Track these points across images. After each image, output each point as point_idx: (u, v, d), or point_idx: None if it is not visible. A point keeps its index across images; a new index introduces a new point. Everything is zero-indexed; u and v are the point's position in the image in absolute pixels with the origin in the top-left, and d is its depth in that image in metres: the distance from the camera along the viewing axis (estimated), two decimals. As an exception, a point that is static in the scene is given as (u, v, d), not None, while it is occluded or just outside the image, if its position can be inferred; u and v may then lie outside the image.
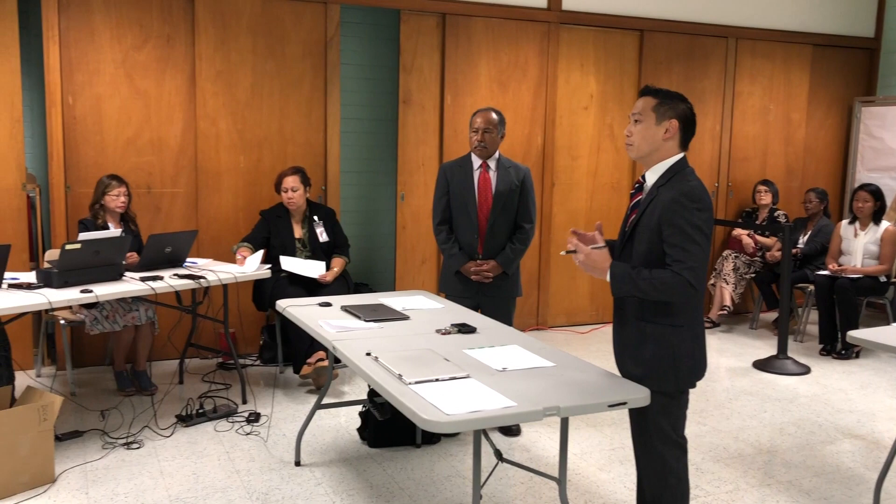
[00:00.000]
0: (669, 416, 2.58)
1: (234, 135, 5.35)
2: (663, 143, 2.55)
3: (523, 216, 4.21)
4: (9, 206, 4.84)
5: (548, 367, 2.71)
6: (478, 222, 4.16)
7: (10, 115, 4.79)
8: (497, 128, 4.13)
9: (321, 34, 5.49)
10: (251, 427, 4.11)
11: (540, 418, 2.30)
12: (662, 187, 2.52)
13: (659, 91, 2.57)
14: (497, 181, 4.15)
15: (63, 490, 3.33)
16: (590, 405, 2.39)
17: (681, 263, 2.40)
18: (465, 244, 4.18)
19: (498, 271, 4.14)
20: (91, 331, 4.46)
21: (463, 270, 4.15)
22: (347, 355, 2.83)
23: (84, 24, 4.92)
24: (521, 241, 4.19)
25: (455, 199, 4.19)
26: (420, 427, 2.23)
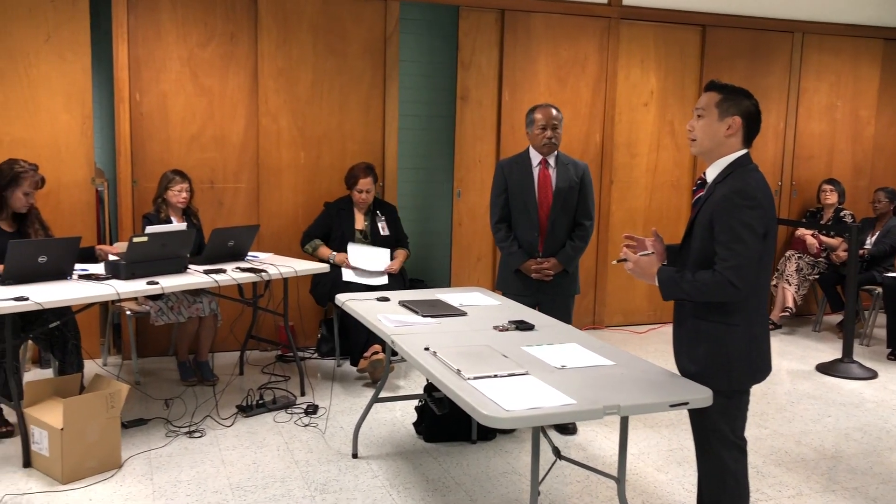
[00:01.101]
0: (728, 417, 2.54)
1: (294, 131, 5.43)
2: (725, 139, 2.51)
3: (583, 213, 4.17)
4: (79, 200, 5.00)
5: (607, 365, 2.69)
6: (538, 220, 4.13)
7: (80, 111, 4.94)
8: (560, 123, 4.11)
9: (380, 31, 5.53)
10: (309, 419, 4.17)
11: (600, 417, 2.28)
12: (719, 184, 2.49)
13: (724, 86, 2.53)
14: (557, 178, 4.12)
15: (129, 475, 3.44)
16: (650, 404, 2.37)
17: (724, 262, 2.38)
18: (525, 242, 4.15)
19: (558, 269, 4.11)
20: (156, 322, 4.58)
21: (523, 269, 4.13)
22: (406, 349, 2.85)
23: (151, 23, 5.05)
24: (582, 238, 4.16)
25: (514, 196, 4.17)
26: (479, 422, 2.24)
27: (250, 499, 3.24)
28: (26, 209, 4.02)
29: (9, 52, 4.76)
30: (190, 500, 3.22)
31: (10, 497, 3.19)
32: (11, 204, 3.96)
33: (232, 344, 5.25)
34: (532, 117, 4.12)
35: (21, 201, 3.97)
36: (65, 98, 4.89)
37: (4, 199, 3.95)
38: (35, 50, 4.81)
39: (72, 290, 3.63)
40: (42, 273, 3.76)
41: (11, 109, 4.80)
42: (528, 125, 4.14)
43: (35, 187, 3.99)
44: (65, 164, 4.92)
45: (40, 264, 3.73)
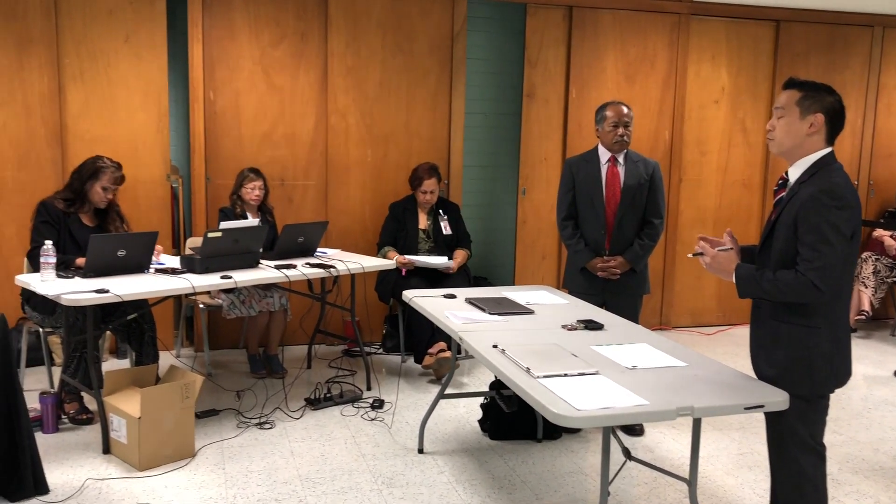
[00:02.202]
0: (807, 422, 2.47)
1: (362, 129, 5.50)
2: (807, 137, 2.44)
3: (652, 211, 4.11)
4: (154, 196, 5.15)
5: (679, 366, 2.66)
6: (605, 217, 4.08)
7: (157, 110, 5.09)
8: (632, 121, 4.06)
9: (448, 29, 5.55)
10: (375, 413, 4.22)
11: (673, 418, 2.25)
12: (804, 184, 2.42)
13: (804, 83, 2.46)
14: (625, 175, 4.07)
15: (202, 464, 3.53)
16: (725, 406, 2.32)
17: (808, 263, 2.31)
18: (592, 240, 4.12)
19: (625, 268, 4.07)
20: (228, 315, 4.70)
21: (589, 267, 4.09)
22: (474, 346, 2.86)
23: (225, 23, 5.18)
24: (650, 236, 4.10)
25: (581, 194, 4.13)
26: (550, 421, 2.23)
27: (319, 490, 3.30)
28: (105, 204, 4.15)
29: (90, 52, 4.93)
30: (261, 490, 3.29)
31: (91, 481, 3.31)
32: (91, 198, 4.09)
33: (300, 338, 5.35)
34: (603, 114, 4.07)
35: (99, 195, 4.09)
36: (142, 97, 5.05)
37: (85, 193, 4.09)
38: (115, 50, 4.97)
39: (149, 284, 3.75)
40: (121, 266, 3.89)
41: (92, 108, 4.97)
42: (598, 122, 4.09)
43: (114, 183, 4.10)
44: (141, 161, 5.08)
45: (119, 258, 3.86)
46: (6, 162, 4.85)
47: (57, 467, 3.42)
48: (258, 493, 3.25)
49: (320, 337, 5.17)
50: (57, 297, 3.46)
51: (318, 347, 5.34)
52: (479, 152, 5.97)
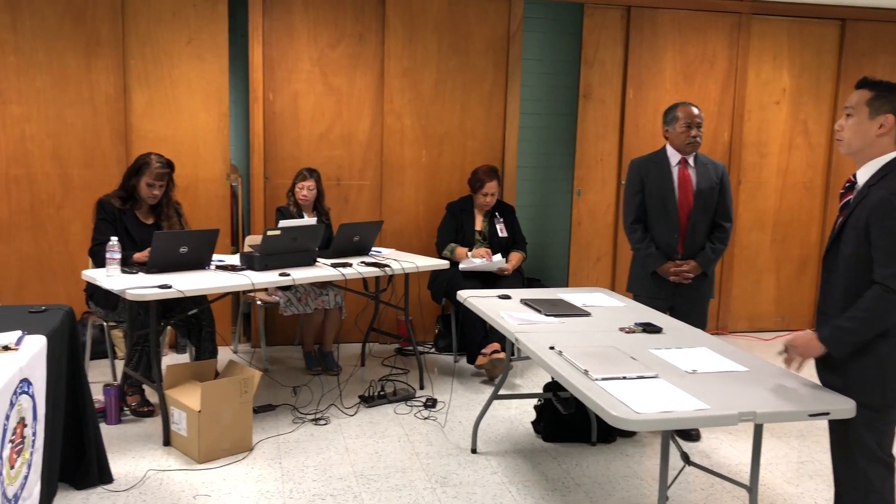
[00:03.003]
0: (875, 431, 2.40)
1: (417, 130, 5.53)
2: (877, 139, 2.38)
3: (723, 215, 4.03)
4: (215, 195, 5.26)
5: (741, 371, 2.61)
6: (678, 221, 3.99)
7: (218, 110, 5.20)
8: (703, 122, 4.00)
9: (504, 30, 5.55)
10: (428, 412, 4.24)
11: (735, 423, 2.22)
12: (874, 186, 2.36)
13: (877, 83, 2.40)
14: (697, 178, 3.99)
15: (259, 458, 3.59)
16: (788, 413, 2.28)
17: (884, 269, 2.25)
18: (664, 244, 4.03)
19: (698, 272, 3.98)
20: (284, 312, 4.76)
21: (660, 271, 4.02)
22: (531, 348, 2.85)
23: (285, 25, 5.26)
24: (721, 240, 4.01)
25: (652, 196, 4.05)
26: (610, 424, 2.21)
27: (373, 487, 3.33)
28: (154, 200, 4.22)
29: (154, 54, 5.06)
30: (316, 485, 3.33)
31: (153, 472, 3.39)
32: (140, 194, 4.18)
33: (354, 336, 5.41)
34: (674, 115, 4.00)
35: (146, 191, 4.17)
36: (203, 97, 5.16)
37: (134, 190, 4.18)
38: (178, 52, 5.09)
39: (210, 280, 3.83)
40: (183, 263, 3.98)
41: (156, 108, 5.10)
42: (667, 123, 4.02)
43: (157, 179, 4.14)
44: (202, 160, 5.19)
45: (181, 254, 3.95)
46: (74, 160, 5.00)
47: (120, 458, 3.52)
48: (314, 488, 3.30)
49: (374, 335, 5.21)
50: (122, 292, 3.55)
51: (372, 346, 5.39)
52: (533, 153, 5.95)
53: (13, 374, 2.29)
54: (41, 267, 5.03)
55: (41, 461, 2.63)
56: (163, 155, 4.21)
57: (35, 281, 5.03)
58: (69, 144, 4.98)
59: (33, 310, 3.02)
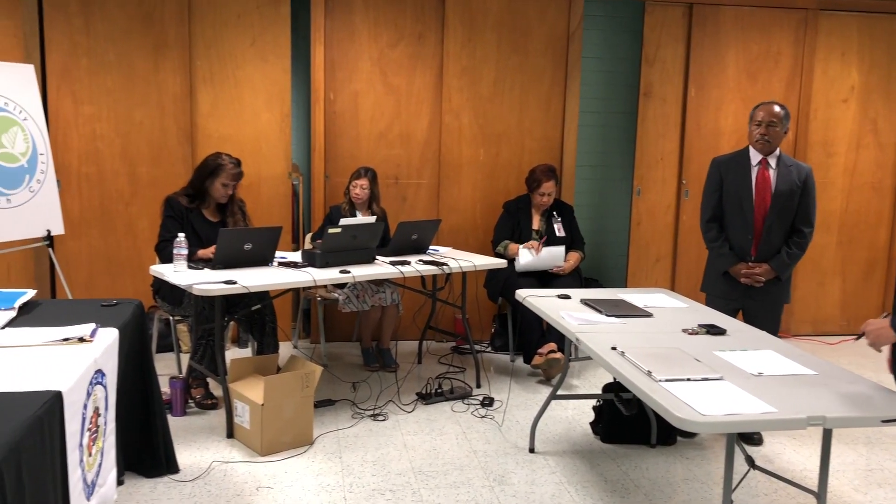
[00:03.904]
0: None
1: (475, 128, 5.54)
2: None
3: (803, 219, 3.93)
4: (277, 193, 5.35)
5: (809, 374, 2.56)
6: (753, 223, 3.92)
7: (280, 110, 5.29)
8: (781, 122, 3.90)
9: (563, 28, 5.53)
10: (486, 411, 4.25)
11: (803, 427, 2.17)
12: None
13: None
14: (777, 180, 3.90)
15: (320, 452, 3.65)
16: (859, 418, 2.23)
17: None
18: (737, 245, 3.97)
19: (770, 276, 3.91)
20: (343, 309, 4.83)
21: (732, 272, 3.96)
22: (592, 348, 2.84)
23: (346, 25, 5.32)
24: (799, 245, 3.92)
25: (729, 196, 3.99)
26: (674, 426, 2.19)
27: (432, 484, 3.35)
28: (225, 199, 4.34)
29: (219, 55, 5.17)
30: (376, 479, 3.37)
31: (217, 463, 3.48)
32: (212, 194, 4.29)
33: (411, 333, 5.45)
34: (752, 113, 3.95)
35: (220, 192, 4.28)
36: (266, 98, 5.25)
37: (206, 189, 4.29)
38: (242, 53, 5.20)
39: (274, 276, 3.91)
40: (247, 259, 4.06)
41: (220, 108, 5.21)
42: (749, 122, 3.98)
43: (232, 179, 4.27)
44: (265, 159, 5.29)
45: (246, 251, 4.03)
46: (142, 158, 5.15)
47: (185, 449, 3.61)
48: (373, 483, 3.33)
49: (430, 333, 5.24)
50: (189, 287, 3.65)
51: (429, 343, 5.42)
52: (592, 152, 5.90)
53: (89, 364, 2.38)
54: (110, 262, 5.19)
55: (114, 449, 2.72)
56: (231, 154, 4.31)
57: (104, 275, 5.19)
58: (137, 143, 5.13)
59: (105, 303, 3.12)
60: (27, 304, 3.00)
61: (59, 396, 2.09)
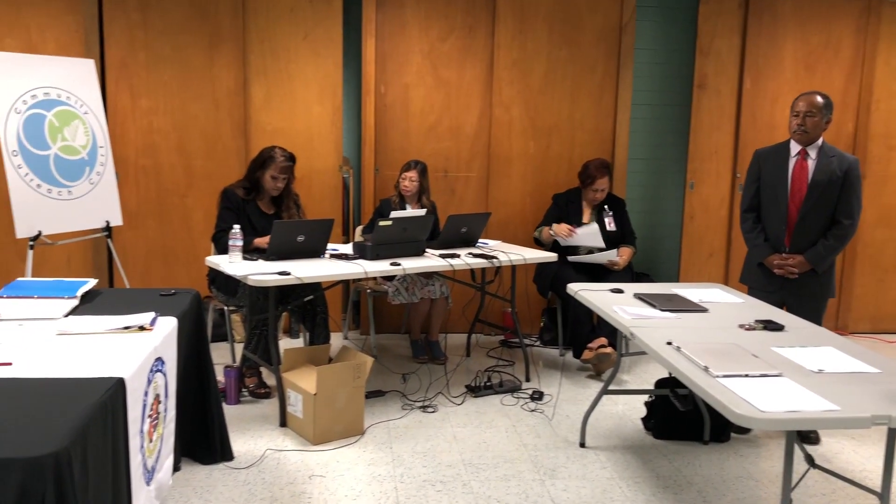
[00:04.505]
0: None
1: (525, 121, 5.51)
2: None
3: (843, 211, 3.83)
4: (327, 186, 5.40)
5: (872, 373, 2.49)
6: (787, 213, 3.86)
7: (332, 103, 5.33)
8: (821, 112, 3.81)
9: (616, 19, 5.46)
10: (535, 404, 4.23)
11: (867, 426, 2.12)
12: None
13: None
14: (815, 170, 3.82)
15: (370, 442, 3.68)
16: (927, 418, 2.16)
17: None
18: (772, 235, 3.92)
19: (805, 268, 3.84)
20: (392, 301, 4.85)
21: (766, 263, 3.90)
22: (647, 343, 2.81)
23: (397, 18, 5.34)
24: (837, 237, 3.83)
25: (765, 186, 3.93)
26: (733, 422, 2.16)
27: (482, 476, 3.35)
28: (277, 192, 4.39)
29: (272, 49, 5.23)
30: (426, 471, 3.39)
31: (271, 451, 3.53)
32: (263, 186, 4.34)
33: (458, 326, 5.45)
34: (793, 104, 3.88)
35: (270, 184, 4.34)
36: (318, 91, 5.30)
37: (258, 181, 4.35)
38: (294, 46, 5.25)
39: (326, 268, 3.94)
40: (300, 251, 4.11)
41: (273, 102, 5.27)
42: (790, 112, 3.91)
43: (282, 172, 4.32)
44: (316, 152, 5.34)
45: (299, 243, 4.08)
46: (196, 151, 5.24)
47: (239, 436, 3.67)
48: (424, 474, 3.35)
49: (479, 326, 5.24)
50: (244, 278, 3.71)
51: (477, 337, 5.42)
52: (644, 145, 5.83)
53: (149, 352, 2.43)
54: (166, 252, 5.30)
55: (173, 437, 2.77)
56: (286, 148, 4.36)
57: (160, 266, 5.30)
58: (192, 136, 5.22)
59: (164, 293, 3.18)
60: (89, 293, 3.07)
61: (122, 383, 2.14)
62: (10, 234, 4.82)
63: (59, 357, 2.30)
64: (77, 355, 2.32)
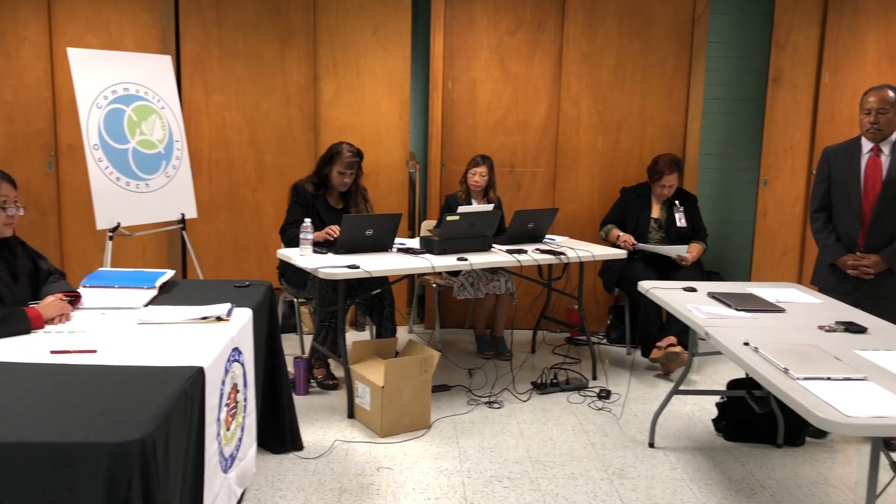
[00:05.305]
0: None
1: (594, 116, 5.45)
2: None
3: None
4: (394, 180, 5.43)
5: (964, 378, 2.39)
6: (861, 211, 3.73)
7: (399, 98, 5.35)
8: (894, 107, 3.68)
9: (689, 12, 5.35)
10: (602, 403, 4.19)
11: (960, 435, 2.03)
12: None
13: None
14: (889, 166, 3.69)
15: (437, 436, 3.69)
16: None
17: None
18: (845, 235, 3.79)
19: (881, 268, 3.70)
20: (458, 296, 4.86)
21: (839, 263, 3.78)
22: (723, 343, 2.74)
23: (465, 13, 5.33)
24: None
25: (837, 184, 3.82)
26: (816, 426, 2.09)
27: (549, 473, 3.33)
28: (345, 188, 4.43)
29: (342, 44, 5.28)
30: (493, 466, 3.38)
31: (339, 442, 3.57)
32: (331, 181, 4.39)
33: (522, 322, 5.43)
34: (862, 100, 3.75)
35: (337, 179, 4.38)
36: (386, 86, 5.33)
37: (327, 177, 4.40)
38: (364, 42, 5.29)
39: (394, 262, 3.97)
40: (368, 245, 4.15)
41: (343, 97, 5.33)
42: (859, 109, 3.77)
43: (348, 168, 4.36)
44: (383, 147, 5.37)
45: (367, 237, 4.12)
46: (268, 146, 5.33)
47: (308, 427, 3.72)
48: (491, 470, 3.35)
49: (544, 323, 5.21)
50: (314, 271, 3.76)
51: (542, 333, 5.38)
52: (716, 140, 5.70)
53: (227, 342, 2.48)
54: (237, 245, 5.41)
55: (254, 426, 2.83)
56: (353, 144, 4.40)
57: (231, 258, 5.41)
58: (264, 131, 5.31)
59: (238, 284, 3.25)
60: (166, 284, 3.15)
61: (202, 372, 2.19)
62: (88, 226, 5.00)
63: (140, 345, 2.37)
64: (158, 344, 2.39)
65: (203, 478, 2.22)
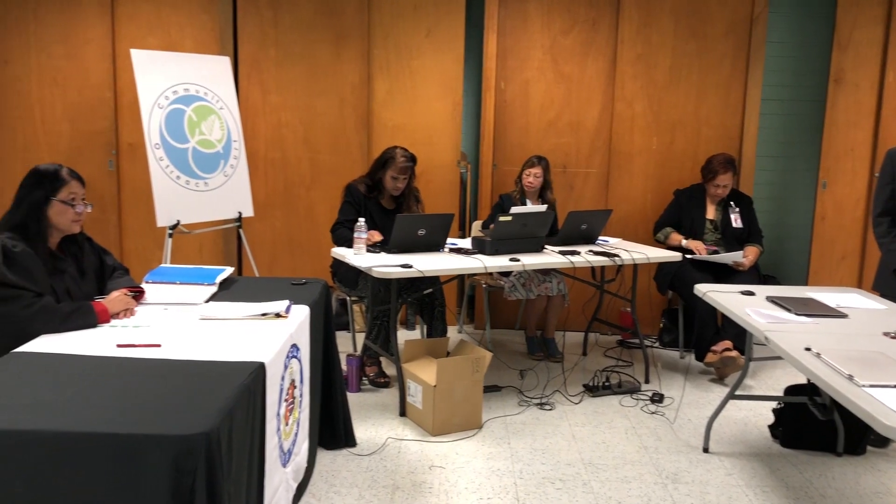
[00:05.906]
0: None
1: (648, 116, 5.39)
2: None
3: None
4: (445, 181, 5.44)
5: None
6: None
7: (452, 99, 5.37)
8: None
9: (747, 11, 5.26)
10: (655, 407, 4.14)
11: None
12: None
13: None
14: None
15: (488, 436, 3.69)
16: None
17: None
18: None
19: None
20: (508, 296, 4.85)
21: None
22: (783, 348, 2.69)
23: (519, 13, 5.32)
24: None
25: None
26: (884, 434, 2.04)
27: (602, 476, 3.31)
28: (398, 192, 4.46)
29: (395, 46, 5.32)
30: (545, 468, 3.37)
31: (392, 440, 3.60)
32: (385, 185, 4.42)
33: (573, 324, 5.40)
34: None
35: (390, 184, 4.41)
36: (439, 87, 5.35)
37: (380, 180, 4.43)
38: (417, 44, 5.32)
39: (446, 262, 3.98)
40: (420, 244, 4.17)
41: (395, 98, 5.36)
42: None
43: (401, 173, 4.37)
44: (435, 148, 5.39)
45: (419, 237, 4.14)
46: (322, 146, 5.39)
47: (360, 424, 3.76)
48: (543, 471, 3.34)
49: (596, 325, 5.17)
50: (368, 270, 3.79)
51: (594, 335, 5.34)
52: (773, 141, 5.59)
53: (285, 339, 2.52)
54: (291, 243, 5.49)
55: (308, 421, 2.87)
56: (407, 149, 4.42)
57: (286, 256, 5.49)
58: (318, 131, 5.38)
59: (295, 282, 3.30)
60: (225, 281, 3.21)
61: (263, 368, 2.23)
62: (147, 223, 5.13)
63: (202, 341, 2.42)
64: (220, 339, 2.44)
65: (264, 471, 2.26)
